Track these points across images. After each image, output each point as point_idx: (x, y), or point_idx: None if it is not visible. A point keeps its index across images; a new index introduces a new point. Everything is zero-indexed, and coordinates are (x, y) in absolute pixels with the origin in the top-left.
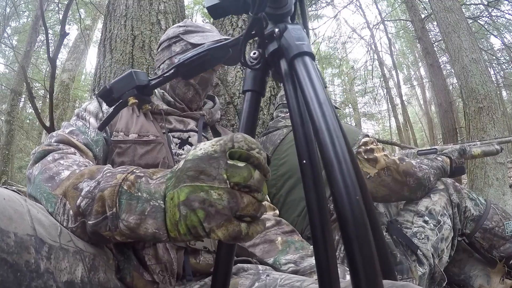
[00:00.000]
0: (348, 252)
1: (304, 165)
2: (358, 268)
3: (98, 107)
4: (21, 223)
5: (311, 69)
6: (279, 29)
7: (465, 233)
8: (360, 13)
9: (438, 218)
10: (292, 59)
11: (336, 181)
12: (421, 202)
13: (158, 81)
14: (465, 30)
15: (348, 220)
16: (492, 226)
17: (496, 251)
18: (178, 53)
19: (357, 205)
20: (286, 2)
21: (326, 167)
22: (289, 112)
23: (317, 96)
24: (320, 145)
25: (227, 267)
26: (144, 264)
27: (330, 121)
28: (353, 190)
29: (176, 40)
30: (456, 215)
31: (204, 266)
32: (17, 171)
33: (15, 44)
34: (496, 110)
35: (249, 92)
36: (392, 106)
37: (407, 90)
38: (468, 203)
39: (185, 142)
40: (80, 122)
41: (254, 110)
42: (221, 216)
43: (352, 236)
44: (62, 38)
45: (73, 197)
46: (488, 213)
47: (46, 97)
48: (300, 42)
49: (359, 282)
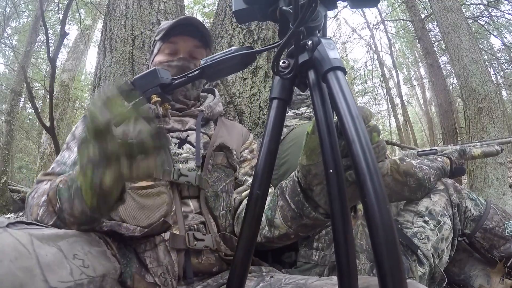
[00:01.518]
0: (377, 256)
1: (330, 174)
2: (386, 272)
3: (81, 132)
4: (33, 283)
5: (344, 83)
6: (313, 41)
7: (466, 233)
8: (360, 13)
9: (438, 219)
10: (326, 72)
11: (368, 192)
12: (421, 202)
13: (182, 81)
14: (465, 30)
15: (379, 227)
16: (493, 226)
17: (497, 251)
18: (156, 54)
19: (387, 214)
20: (318, 16)
21: (359, 177)
22: (316, 122)
23: (350, 110)
24: (353, 157)
25: (243, 271)
26: (146, 266)
27: (362, 135)
28: (383, 200)
29: (154, 43)
30: (456, 215)
31: (207, 265)
32: (17, 171)
33: (15, 44)
34: (496, 110)
35: (276, 100)
36: (392, 106)
37: (407, 90)
38: (468, 203)
39: (184, 141)
40: (66, 154)
41: (281, 118)
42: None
43: (382, 241)
44: (62, 38)
45: (35, 211)
46: (489, 213)
47: (46, 97)
48: (334, 57)
49: (386, 283)
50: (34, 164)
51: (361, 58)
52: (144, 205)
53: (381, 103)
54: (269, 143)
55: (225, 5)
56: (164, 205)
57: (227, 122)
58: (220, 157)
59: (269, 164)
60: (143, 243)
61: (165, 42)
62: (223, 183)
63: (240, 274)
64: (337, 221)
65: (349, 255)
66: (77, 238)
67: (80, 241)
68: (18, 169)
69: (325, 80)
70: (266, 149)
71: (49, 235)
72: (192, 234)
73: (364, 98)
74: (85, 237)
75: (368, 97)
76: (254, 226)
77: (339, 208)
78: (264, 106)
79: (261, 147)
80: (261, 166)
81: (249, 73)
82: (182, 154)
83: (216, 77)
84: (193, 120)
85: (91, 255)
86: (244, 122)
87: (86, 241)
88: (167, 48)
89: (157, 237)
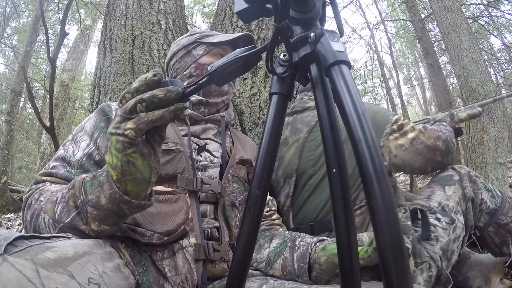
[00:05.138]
0: (383, 262)
1: (333, 174)
2: (392, 278)
3: (94, 125)
4: None
5: (349, 78)
6: (315, 34)
7: (478, 226)
8: (360, 13)
9: (452, 216)
10: (329, 66)
11: (375, 196)
12: (434, 196)
13: (193, 89)
14: (465, 30)
15: (385, 233)
16: (507, 221)
17: (507, 248)
18: (203, 55)
19: (394, 220)
20: (313, 5)
21: (365, 178)
22: (319, 119)
23: (355, 107)
24: (359, 158)
25: (242, 272)
26: (164, 275)
27: (369, 133)
28: (391, 202)
29: (195, 45)
30: (469, 210)
31: (220, 270)
32: (17, 171)
33: (15, 44)
34: (496, 110)
35: (276, 95)
36: (392, 106)
37: (407, 90)
38: (484, 195)
39: (202, 149)
40: (71, 147)
41: (281, 114)
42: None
43: (388, 247)
44: (62, 38)
45: (50, 209)
46: (504, 207)
47: (46, 97)
48: (338, 50)
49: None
50: (34, 164)
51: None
52: (161, 210)
53: (381, 103)
54: (269, 141)
55: (225, 5)
56: (182, 213)
57: (238, 134)
58: (243, 170)
59: (268, 163)
60: (160, 250)
61: (217, 47)
62: (241, 195)
63: (239, 275)
64: (340, 224)
65: (353, 260)
66: (89, 256)
67: (92, 260)
68: (18, 169)
69: (329, 74)
70: (266, 147)
71: (57, 259)
72: (211, 244)
73: (364, 98)
74: (97, 252)
75: (368, 97)
76: (254, 226)
77: (342, 209)
78: (264, 106)
79: (261, 145)
80: (261, 165)
81: (249, 73)
82: (201, 161)
83: (223, 82)
84: (213, 130)
85: (106, 276)
86: (244, 122)
87: (98, 257)
88: (218, 53)
89: (175, 245)
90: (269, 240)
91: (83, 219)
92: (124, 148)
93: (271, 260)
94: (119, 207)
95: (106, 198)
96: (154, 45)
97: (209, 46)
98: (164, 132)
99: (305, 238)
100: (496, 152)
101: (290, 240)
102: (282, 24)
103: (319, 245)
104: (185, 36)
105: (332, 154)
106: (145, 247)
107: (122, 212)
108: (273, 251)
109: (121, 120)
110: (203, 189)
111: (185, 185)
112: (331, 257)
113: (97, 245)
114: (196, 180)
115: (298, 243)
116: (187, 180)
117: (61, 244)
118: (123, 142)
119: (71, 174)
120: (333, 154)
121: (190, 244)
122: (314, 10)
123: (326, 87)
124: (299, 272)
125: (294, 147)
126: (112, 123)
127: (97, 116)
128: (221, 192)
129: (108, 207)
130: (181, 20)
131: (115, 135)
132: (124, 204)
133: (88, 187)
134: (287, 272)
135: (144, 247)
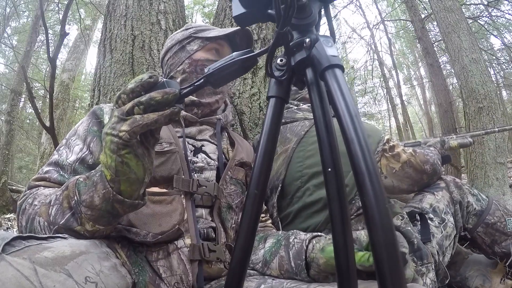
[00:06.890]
0: (376, 258)
1: (329, 173)
2: (385, 272)
3: (86, 129)
4: None
5: (342, 82)
6: (310, 39)
7: (467, 228)
8: (360, 13)
9: (442, 216)
10: (324, 70)
11: (367, 192)
12: (425, 199)
13: (189, 90)
14: (465, 30)
15: (377, 226)
16: (495, 221)
17: (498, 247)
18: (197, 50)
19: (386, 215)
20: (311, 12)
21: (357, 177)
22: (314, 121)
23: (348, 109)
24: (352, 157)
25: (241, 271)
26: (159, 276)
27: (361, 133)
28: (382, 199)
29: (190, 40)
30: (458, 212)
31: (216, 270)
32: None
33: (15, 44)
34: (496, 110)
35: (274, 98)
36: (392, 106)
37: (407, 90)
38: (470, 198)
39: (199, 150)
40: (64, 152)
41: (278, 117)
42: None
43: (381, 242)
44: (62, 38)
45: (45, 211)
46: (490, 208)
47: (46, 97)
48: (332, 54)
49: (385, 283)
50: (34, 164)
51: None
52: (156, 211)
53: (381, 103)
54: (267, 142)
55: (225, 5)
56: (177, 214)
57: (236, 136)
58: (241, 173)
59: (266, 163)
60: (155, 251)
61: (212, 42)
62: (238, 198)
63: (238, 274)
64: (336, 223)
65: (349, 259)
66: (86, 255)
67: (89, 259)
68: (18, 169)
69: (323, 78)
70: (264, 148)
71: (54, 258)
72: (207, 245)
73: (364, 98)
74: (94, 252)
75: (368, 97)
76: (252, 226)
77: (338, 208)
78: (264, 106)
79: (259, 146)
80: (259, 165)
81: (249, 73)
82: (198, 163)
83: (220, 84)
84: (209, 132)
85: (103, 274)
86: (244, 122)
87: (95, 257)
88: (213, 48)
89: (170, 246)
90: (263, 241)
91: (78, 219)
92: (118, 149)
93: (267, 260)
94: (112, 207)
95: (100, 198)
96: (154, 45)
97: (204, 41)
98: (158, 133)
99: (299, 235)
100: (496, 152)
101: (284, 239)
102: (284, 30)
103: (316, 243)
104: (180, 31)
105: (327, 155)
106: (141, 248)
107: (115, 212)
108: (268, 251)
109: (117, 121)
110: (199, 191)
111: (181, 186)
112: (330, 260)
113: (94, 245)
114: (192, 181)
115: (292, 241)
116: (183, 181)
117: (58, 244)
118: (117, 143)
119: (64, 178)
120: (328, 154)
121: (185, 245)
122: (311, 17)
123: (321, 90)
124: (296, 269)
125: (282, 158)
126: (109, 123)
127: (89, 119)
128: (217, 195)
129: (102, 206)
130: (181, 20)
131: (110, 136)
132: (118, 204)
133: (82, 188)
134: (284, 270)
135: (139, 248)
